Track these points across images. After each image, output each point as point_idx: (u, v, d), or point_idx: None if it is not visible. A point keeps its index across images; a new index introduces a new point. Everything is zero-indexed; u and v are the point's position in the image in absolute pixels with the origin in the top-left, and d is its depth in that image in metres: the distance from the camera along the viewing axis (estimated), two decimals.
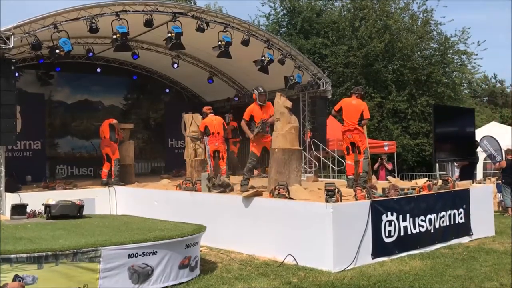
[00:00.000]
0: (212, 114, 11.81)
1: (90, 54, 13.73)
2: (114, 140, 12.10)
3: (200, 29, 11.63)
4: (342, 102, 9.78)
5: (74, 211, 7.53)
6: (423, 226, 8.03)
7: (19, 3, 53.29)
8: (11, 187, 10.38)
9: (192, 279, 6.26)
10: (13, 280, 4.92)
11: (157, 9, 11.27)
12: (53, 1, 26.24)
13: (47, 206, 7.53)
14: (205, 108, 12.11)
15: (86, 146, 16.33)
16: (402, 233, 7.65)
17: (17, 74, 11.64)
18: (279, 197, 7.79)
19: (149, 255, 5.76)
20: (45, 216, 7.62)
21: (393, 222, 7.54)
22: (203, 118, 11.80)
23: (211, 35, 11.95)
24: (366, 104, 9.67)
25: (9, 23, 10.07)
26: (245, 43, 12.33)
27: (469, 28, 26.85)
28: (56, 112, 15.85)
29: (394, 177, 13.98)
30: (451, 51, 26.41)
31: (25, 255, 5.04)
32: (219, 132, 11.51)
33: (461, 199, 9.00)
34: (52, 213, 7.40)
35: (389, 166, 16.69)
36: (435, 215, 8.29)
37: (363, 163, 9.45)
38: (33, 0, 51.35)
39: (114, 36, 10.92)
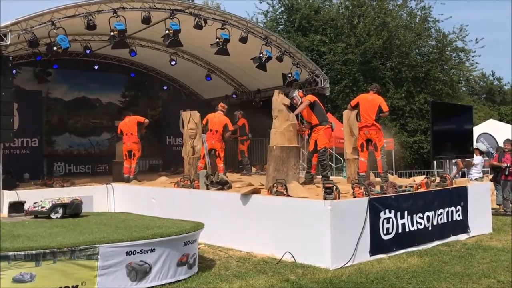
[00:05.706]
0: (219, 112, 11.83)
1: (88, 51, 13.70)
2: (139, 137, 12.21)
3: (198, 26, 11.60)
4: (359, 97, 9.58)
5: (81, 210, 7.51)
6: (421, 224, 8.05)
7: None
8: (9, 185, 10.36)
9: (190, 277, 6.26)
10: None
11: (154, 6, 11.25)
12: None
13: (61, 206, 7.33)
14: (220, 105, 12.22)
15: (83, 143, 16.31)
16: (400, 230, 7.66)
17: (14, 71, 11.60)
18: (277, 195, 7.78)
19: (147, 252, 5.76)
20: (53, 216, 7.32)
21: (391, 220, 7.55)
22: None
23: (209, 32, 11.92)
24: (382, 98, 9.52)
25: (6, 19, 10.06)
26: (243, 40, 12.29)
27: (467, 26, 26.86)
28: (53, 109, 15.81)
29: (392, 174, 13.95)
30: (449, 49, 26.46)
31: (23, 253, 5.02)
32: (217, 130, 11.52)
33: (459, 197, 9.02)
34: (68, 212, 7.29)
35: None
36: (433, 212, 8.31)
37: (382, 163, 9.25)
38: None
39: (112, 33, 10.89)
